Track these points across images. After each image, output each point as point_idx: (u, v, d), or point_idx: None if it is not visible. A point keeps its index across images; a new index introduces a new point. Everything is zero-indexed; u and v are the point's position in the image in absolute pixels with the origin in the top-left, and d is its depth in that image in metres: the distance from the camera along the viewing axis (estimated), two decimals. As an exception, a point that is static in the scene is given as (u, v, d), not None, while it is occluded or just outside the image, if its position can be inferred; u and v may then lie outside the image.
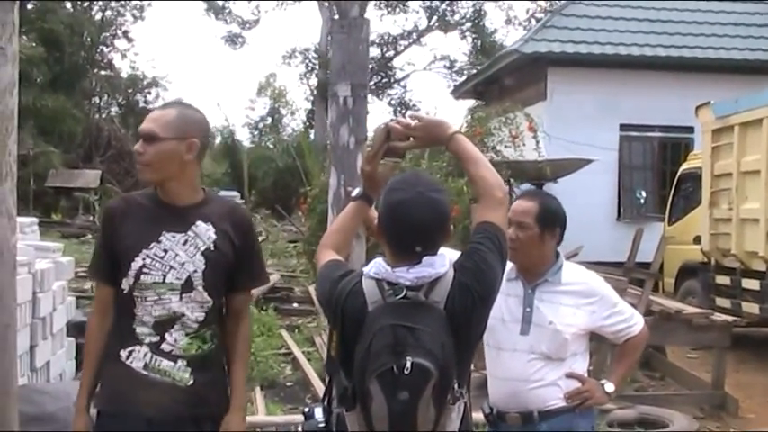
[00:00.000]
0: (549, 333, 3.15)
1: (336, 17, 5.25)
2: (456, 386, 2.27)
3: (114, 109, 38.26)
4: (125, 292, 2.84)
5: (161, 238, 2.84)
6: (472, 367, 2.49)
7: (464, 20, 36.39)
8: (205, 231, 2.88)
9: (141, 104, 37.24)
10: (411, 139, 2.60)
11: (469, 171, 2.54)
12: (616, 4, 16.98)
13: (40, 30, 29.20)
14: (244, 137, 44.57)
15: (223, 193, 30.14)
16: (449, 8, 36.46)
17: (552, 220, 3.23)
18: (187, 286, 2.83)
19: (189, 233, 2.86)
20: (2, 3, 3.95)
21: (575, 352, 3.21)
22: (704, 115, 11.05)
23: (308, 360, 8.79)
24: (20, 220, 4.65)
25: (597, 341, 4.51)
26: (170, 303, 2.82)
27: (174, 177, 2.86)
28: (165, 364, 2.81)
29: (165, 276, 2.81)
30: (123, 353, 2.83)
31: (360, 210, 2.75)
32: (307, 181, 16.92)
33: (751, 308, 9.98)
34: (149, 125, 2.84)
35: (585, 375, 3.28)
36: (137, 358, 2.81)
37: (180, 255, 2.83)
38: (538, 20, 30.56)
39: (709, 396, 8.03)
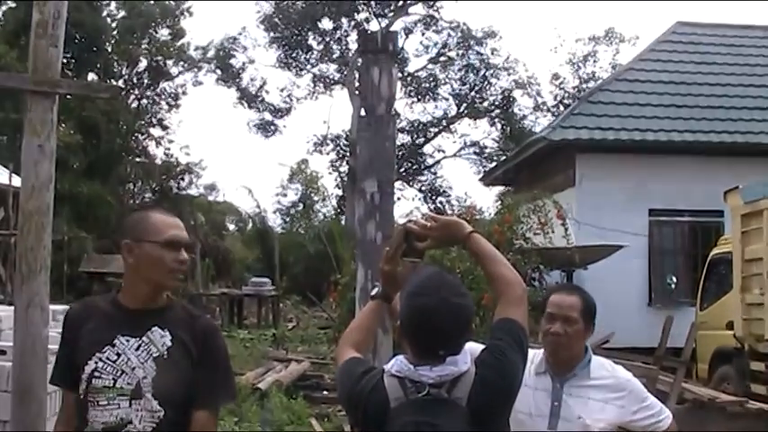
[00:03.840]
0: (577, 428, 3.13)
1: (363, 114, 5.36)
2: None
3: (148, 194, 38.82)
4: (81, 396, 2.75)
5: (115, 341, 2.75)
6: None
7: (493, 107, 36.83)
8: (160, 338, 2.77)
9: (174, 190, 37.77)
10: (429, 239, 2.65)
11: (488, 269, 2.57)
12: (642, 90, 17.12)
13: (78, 117, 29.92)
14: (275, 223, 44.95)
15: (254, 279, 30.31)
16: (478, 95, 36.95)
17: (593, 314, 3.24)
18: (136, 392, 2.71)
19: (143, 338, 2.76)
20: (42, 101, 4.11)
21: (603, 447, 3.18)
22: (733, 200, 11.02)
23: (337, 449, 8.68)
24: (52, 307, 4.73)
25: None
26: (118, 410, 2.70)
27: None
28: None
29: (115, 381, 2.71)
30: None
31: (379, 308, 2.78)
32: (338, 267, 16.98)
33: (787, 395, 9.78)
34: (184, 233, 2.87)
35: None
36: None
37: (131, 359, 2.73)
38: (566, 106, 30.89)
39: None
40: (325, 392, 12.95)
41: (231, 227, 51.01)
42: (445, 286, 2.42)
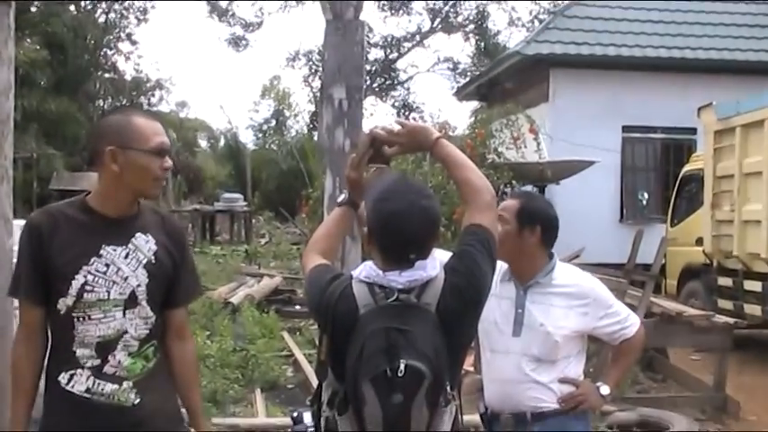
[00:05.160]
0: (540, 335, 3.15)
1: (331, 19, 5.23)
2: (448, 388, 2.27)
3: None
4: (62, 312, 2.65)
5: (101, 252, 2.67)
6: (473, 369, 2.49)
7: (467, 21, 36.35)
8: (145, 243, 2.75)
9: (145, 107, 37.28)
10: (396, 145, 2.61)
11: (456, 175, 2.54)
12: (618, 5, 16.96)
13: (44, 33, 29.25)
14: (248, 139, 44.67)
15: (226, 195, 30.25)
16: (452, 10, 36.43)
17: (531, 217, 3.21)
18: (131, 302, 2.69)
19: (129, 245, 2.72)
20: (-2, 5, 3.97)
21: (567, 354, 3.21)
22: (706, 117, 11.03)
23: (310, 362, 8.75)
24: (17, 222, 4.66)
25: (598, 344, 4.50)
26: (114, 321, 2.67)
27: None
28: (110, 387, 2.67)
29: (109, 293, 2.66)
30: (63, 377, 2.66)
31: (346, 215, 2.75)
32: (310, 183, 16.94)
33: (753, 310, 9.96)
34: (167, 139, 2.77)
35: (581, 378, 3.27)
36: (78, 382, 2.65)
37: (122, 269, 2.68)
38: (541, 21, 30.56)
39: (710, 398, 8.00)
40: (297, 307, 13.07)
41: (203, 144, 50.72)
42: (411, 190, 2.39)
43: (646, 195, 15.86)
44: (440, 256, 2.40)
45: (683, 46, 16.16)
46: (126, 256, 2.69)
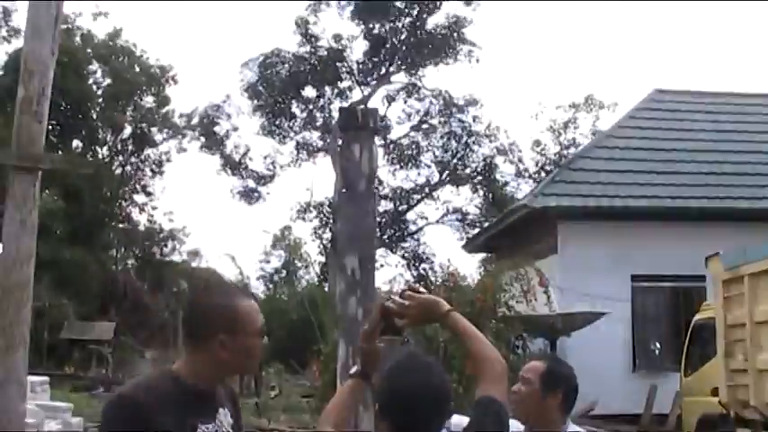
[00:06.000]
0: None
1: (344, 190, 5.39)
2: None
3: (131, 261, 38.69)
4: None
5: None
6: None
7: (475, 173, 37.01)
8: (224, 417, 2.73)
9: (158, 256, 37.64)
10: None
11: (467, 347, 2.58)
12: (622, 157, 17.29)
13: (62, 184, 29.95)
14: (258, 289, 44.73)
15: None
16: (460, 162, 37.19)
17: (556, 381, 3.23)
18: None
19: (216, 422, 2.69)
20: (25, 176, 4.13)
21: None
22: (714, 266, 11.04)
23: None
24: (31, 378, 4.68)
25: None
26: None
27: None
28: None
29: None
30: None
31: (358, 386, 2.77)
32: (321, 335, 16.87)
33: (774, 462, 9.71)
34: None
35: None
36: None
37: None
38: (547, 172, 31.15)
39: None
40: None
41: (213, 295, 50.72)
42: (422, 368, 2.42)
43: (658, 345, 15.72)
44: (457, 422, 2.43)
45: (687, 195, 16.36)
46: None
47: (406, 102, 37.89)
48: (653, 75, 62.49)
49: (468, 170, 37.20)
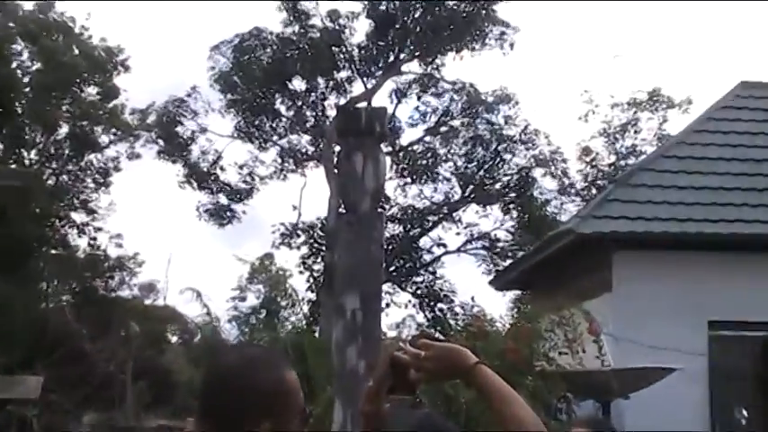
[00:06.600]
0: None
1: (343, 211, 5.39)
2: None
3: (67, 297, 38.67)
4: None
5: None
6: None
7: (507, 189, 36.98)
8: None
9: (101, 292, 37.64)
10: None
11: (499, 410, 2.59)
12: (697, 170, 17.14)
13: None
14: (231, 334, 44.63)
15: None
16: (488, 175, 37.13)
17: None
18: None
19: None
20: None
21: None
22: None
23: None
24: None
25: None
26: None
27: None
28: None
29: None
30: None
31: None
32: (309, 394, 16.83)
33: None
34: None
35: None
36: None
37: None
38: (599, 189, 31.08)
39: None
40: None
41: (174, 339, 50.72)
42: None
43: (744, 412, 15.64)
44: None
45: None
46: None
47: (420, 98, 38.10)
48: (737, 65, 62.52)
49: (498, 185, 37.22)
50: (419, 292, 38.54)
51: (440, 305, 37.97)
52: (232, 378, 2.63)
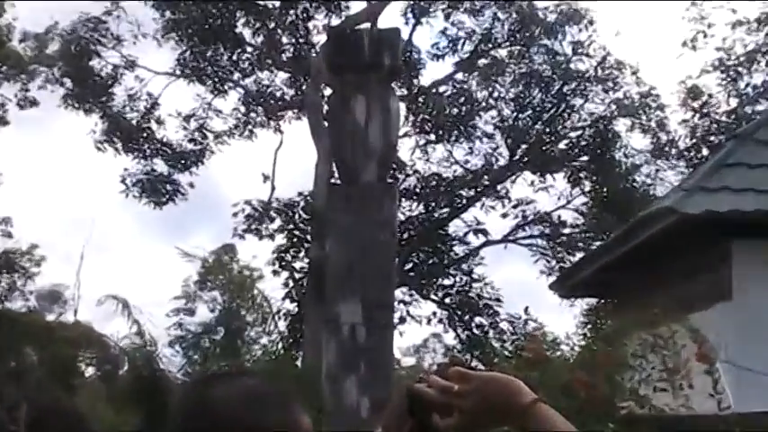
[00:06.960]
0: None
1: (337, 183, 5.40)
2: None
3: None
4: None
5: None
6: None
7: (576, 150, 36.55)
8: None
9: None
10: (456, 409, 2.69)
11: None
12: None
13: None
14: (173, 362, 44.82)
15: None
16: (548, 130, 36.72)
17: None
18: None
19: None
20: None
21: None
22: None
23: None
24: None
25: None
26: None
27: None
28: None
29: None
30: None
31: None
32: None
33: None
34: None
35: None
36: None
37: None
38: (713, 148, 30.89)
39: None
40: None
41: (89, 371, 50.98)
42: None
43: None
44: None
45: None
46: None
47: (448, 17, 37.75)
48: None
49: (563, 144, 37.03)
50: (448, 300, 38.28)
51: (478, 319, 37.76)
52: (233, 422, 2.65)
